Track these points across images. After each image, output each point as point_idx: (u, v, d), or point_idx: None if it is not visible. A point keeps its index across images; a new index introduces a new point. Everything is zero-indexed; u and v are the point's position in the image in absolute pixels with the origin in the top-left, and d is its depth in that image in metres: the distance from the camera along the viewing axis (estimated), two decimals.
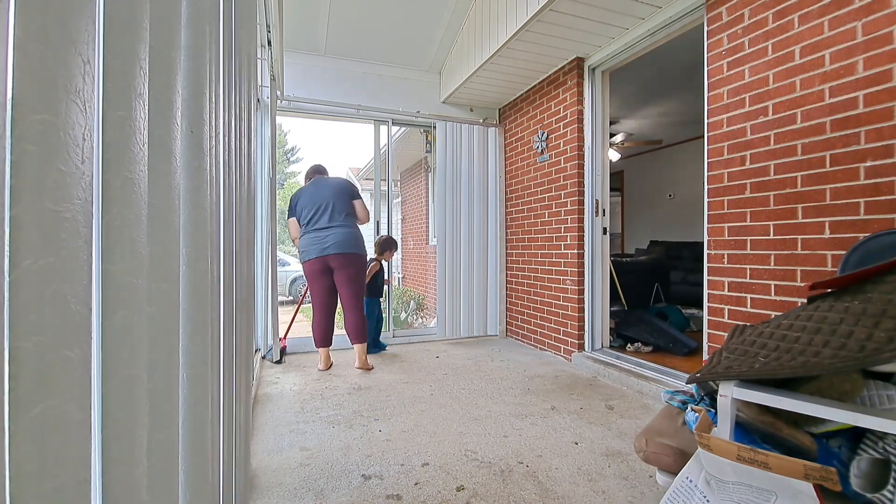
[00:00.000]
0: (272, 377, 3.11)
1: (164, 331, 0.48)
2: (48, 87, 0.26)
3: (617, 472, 1.77)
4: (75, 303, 0.28)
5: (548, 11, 2.76)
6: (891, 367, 1.10)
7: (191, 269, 0.59)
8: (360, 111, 4.02)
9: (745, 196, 2.21)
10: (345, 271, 3.17)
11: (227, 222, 0.91)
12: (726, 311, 2.31)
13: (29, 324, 0.25)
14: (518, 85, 3.99)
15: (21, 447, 0.24)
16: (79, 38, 0.29)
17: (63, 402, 0.27)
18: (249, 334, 1.36)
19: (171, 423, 0.48)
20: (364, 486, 1.68)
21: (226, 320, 0.91)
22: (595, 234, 3.45)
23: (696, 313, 4.27)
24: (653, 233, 7.44)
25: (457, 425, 2.22)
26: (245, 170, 1.28)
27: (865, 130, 1.77)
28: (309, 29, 3.74)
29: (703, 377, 1.29)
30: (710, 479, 1.13)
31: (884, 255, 1.51)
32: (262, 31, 2.66)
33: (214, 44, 0.73)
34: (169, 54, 0.51)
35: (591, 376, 3.09)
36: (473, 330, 4.34)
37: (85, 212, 0.30)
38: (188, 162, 0.59)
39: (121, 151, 0.38)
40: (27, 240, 0.24)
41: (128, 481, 0.37)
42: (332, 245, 3.13)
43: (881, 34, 1.71)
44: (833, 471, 0.94)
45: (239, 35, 1.10)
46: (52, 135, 0.26)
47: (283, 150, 24.58)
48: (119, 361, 0.37)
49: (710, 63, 2.38)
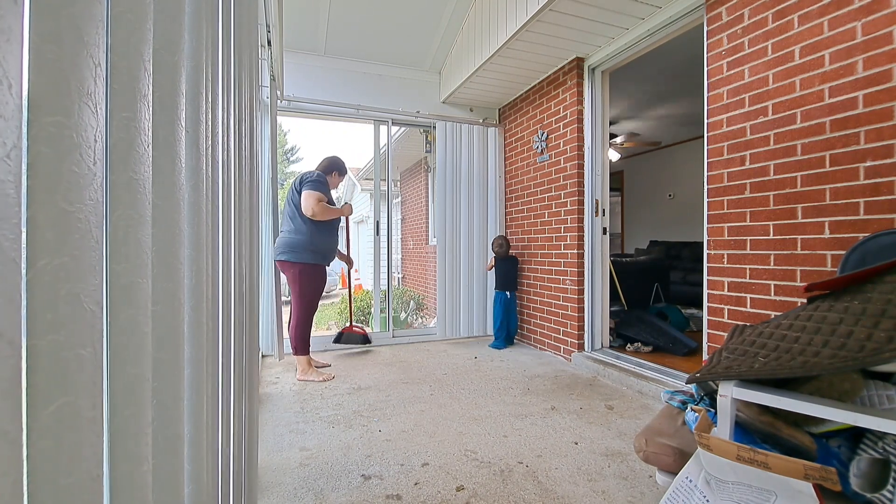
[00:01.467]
0: (272, 377, 3.11)
1: (168, 330, 0.48)
2: (61, 90, 0.26)
3: (617, 472, 1.77)
4: (88, 302, 0.29)
5: (548, 11, 2.77)
6: (891, 367, 1.10)
7: (191, 269, 0.59)
8: (359, 111, 4.02)
9: (744, 196, 2.22)
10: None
11: (227, 222, 0.91)
12: (726, 311, 2.32)
13: (45, 322, 0.25)
14: (518, 85, 4.00)
15: (38, 444, 0.24)
16: (90, 40, 0.29)
17: (77, 399, 0.27)
18: (252, 333, 1.37)
19: (177, 422, 0.49)
20: (364, 486, 1.68)
21: (227, 320, 0.92)
22: (595, 234, 3.45)
23: (695, 313, 4.28)
24: (653, 233, 7.45)
25: (456, 425, 2.23)
26: (247, 170, 1.28)
27: (865, 130, 1.77)
28: (309, 29, 3.74)
29: (702, 377, 1.30)
30: (709, 479, 1.14)
31: (883, 255, 1.51)
32: (262, 31, 2.66)
33: (212, 44, 0.73)
34: (172, 55, 0.51)
35: (590, 376, 3.09)
36: (473, 330, 4.34)
37: (97, 212, 0.30)
38: (186, 162, 0.59)
39: (126, 152, 0.38)
40: (42, 240, 0.25)
41: (135, 478, 0.37)
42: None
43: (881, 34, 1.72)
44: (833, 471, 0.95)
45: (239, 35, 1.11)
46: (66, 136, 0.27)
47: (283, 150, 24.57)
48: (126, 360, 0.37)
49: (710, 63, 2.39)
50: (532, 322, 4.03)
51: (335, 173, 3.26)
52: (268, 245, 3.37)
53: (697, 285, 3.42)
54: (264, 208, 3.45)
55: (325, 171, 3.20)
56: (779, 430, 1.21)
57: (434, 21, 3.81)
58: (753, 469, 1.06)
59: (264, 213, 3.47)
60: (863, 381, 1.14)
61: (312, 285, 3.07)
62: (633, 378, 2.79)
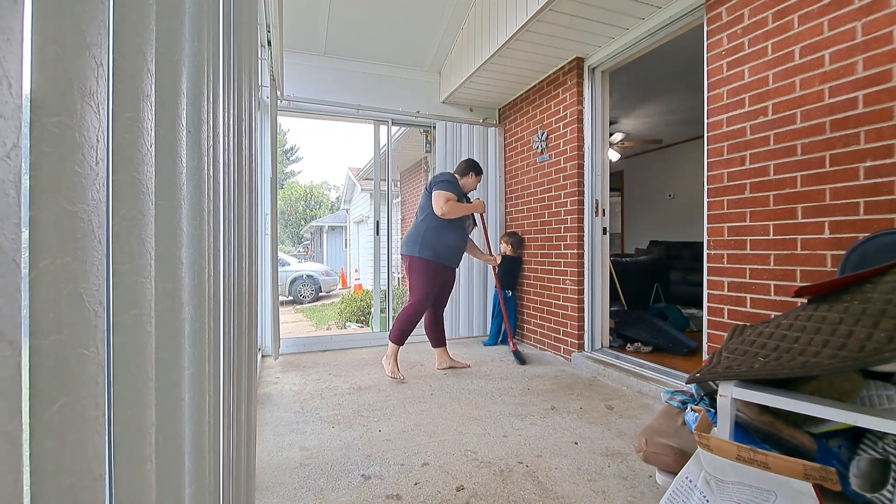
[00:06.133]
0: (272, 377, 3.11)
1: (170, 329, 0.48)
2: (64, 90, 0.26)
3: (616, 472, 1.77)
4: (90, 302, 0.29)
5: (548, 11, 2.77)
6: (891, 367, 1.10)
7: (192, 269, 0.59)
8: (359, 111, 4.02)
9: (744, 196, 2.22)
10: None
11: (227, 222, 0.91)
12: (726, 311, 2.32)
13: (48, 322, 0.25)
14: (518, 85, 4.00)
15: (41, 444, 0.24)
16: (92, 40, 0.29)
17: (80, 399, 0.27)
18: (251, 333, 1.37)
19: (178, 421, 0.49)
20: (364, 485, 1.68)
21: (228, 319, 0.92)
22: (595, 234, 3.45)
23: (695, 313, 4.28)
24: (653, 233, 7.45)
25: (456, 425, 2.23)
26: (247, 170, 1.28)
27: (865, 130, 1.77)
28: (309, 29, 3.74)
29: (702, 377, 1.30)
30: (709, 479, 1.14)
31: (883, 255, 1.51)
32: (262, 31, 2.66)
33: (213, 44, 0.73)
34: (174, 55, 0.51)
35: (590, 376, 3.09)
36: (473, 330, 4.34)
37: (98, 212, 0.30)
38: (187, 162, 0.59)
39: (129, 152, 0.38)
40: (45, 240, 0.25)
41: (138, 478, 0.37)
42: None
43: (881, 34, 1.72)
44: (833, 471, 0.95)
45: (239, 35, 1.11)
46: (68, 136, 0.27)
47: (283, 150, 24.59)
48: (129, 360, 0.37)
49: (710, 63, 2.39)
50: (532, 322, 4.03)
51: (472, 174, 3.29)
52: (268, 245, 3.37)
53: (697, 285, 3.42)
54: (264, 208, 3.45)
55: (461, 174, 3.28)
56: (779, 430, 1.21)
57: (434, 21, 3.81)
58: (753, 469, 1.06)
59: (264, 213, 3.47)
60: (863, 381, 1.14)
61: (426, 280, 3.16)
62: (633, 378, 2.79)
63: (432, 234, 3.09)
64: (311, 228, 22.46)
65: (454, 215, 3.05)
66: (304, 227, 24.43)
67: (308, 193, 26.58)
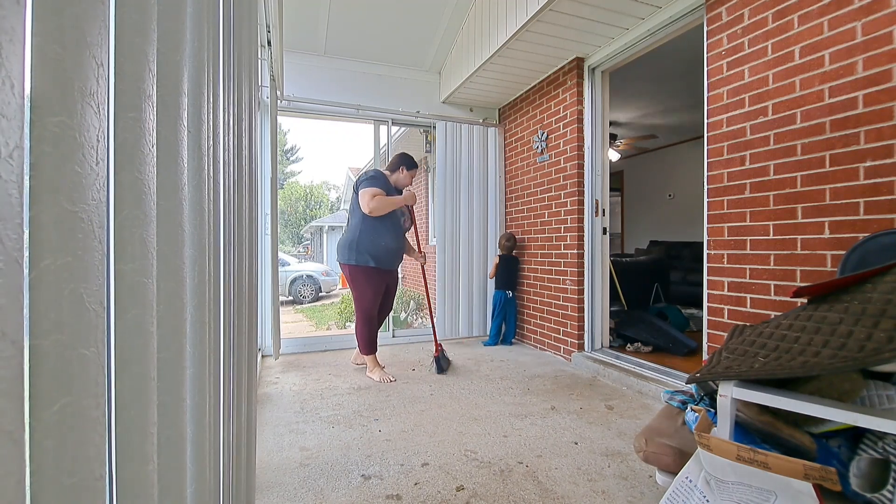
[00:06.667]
0: (272, 377, 3.11)
1: (171, 329, 0.48)
2: (65, 90, 0.26)
3: (617, 472, 1.77)
4: (91, 302, 0.29)
5: (548, 11, 2.77)
6: (891, 367, 1.10)
7: (193, 269, 0.59)
8: (359, 111, 4.02)
9: (744, 196, 2.22)
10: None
11: (227, 222, 0.91)
12: (726, 311, 2.32)
13: (48, 322, 0.25)
14: (518, 85, 4.00)
15: (41, 444, 0.24)
16: (93, 40, 0.29)
17: (80, 399, 0.27)
18: (252, 333, 1.37)
19: (180, 421, 0.49)
20: (364, 485, 1.68)
21: (228, 319, 0.92)
22: (595, 234, 3.45)
23: (695, 313, 4.28)
24: (653, 233, 7.45)
25: (456, 425, 2.23)
26: (247, 170, 1.28)
27: (865, 130, 1.77)
28: (309, 29, 3.74)
29: (702, 377, 1.30)
30: (709, 479, 1.14)
31: (883, 255, 1.52)
32: (262, 31, 2.66)
33: (213, 44, 0.73)
34: (174, 55, 0.51)
35: (590, 376, 3.09)
36: (473, 330, 4.34)
37: (99, 212, 0.30)
38: (188, 162, 0.59)
39: (132, 152, 0.38)
40: (46, 240, 0.25)
41: (140, 478, 0.37)
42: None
43: (881, 34, 1.72)
44: (833, 471, 0.95)
45: (239, 35, 1.11)
46: (69, 137, 0.27)
47: (283, 150, 24.58)
48: (131, 360, 0.37)
49: (710, 63, 2.39)
50: (532, 322, 4.03)
51: (403, 168, 3.14)
52: (269, 245, 3.37)
53: (697, 285, 3.42)
54: (264, 208, 3.45)
55: (392, 169, 3.13)
56: (779, 430, 1.21)
57: (434, 21, 3.81)
58: (753, 469, 1.06)
59: (264, 213, 3.47)
60: (863, 381, 1.14)
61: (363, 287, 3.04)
62: (633, 378, 2.79)
63: (367, 238, 2.95)
64: (311, 228, 22.45)
65: (383, 211, 2.90)
66: (304, 228, 24.43)
67: (308, 193, 26.58)
